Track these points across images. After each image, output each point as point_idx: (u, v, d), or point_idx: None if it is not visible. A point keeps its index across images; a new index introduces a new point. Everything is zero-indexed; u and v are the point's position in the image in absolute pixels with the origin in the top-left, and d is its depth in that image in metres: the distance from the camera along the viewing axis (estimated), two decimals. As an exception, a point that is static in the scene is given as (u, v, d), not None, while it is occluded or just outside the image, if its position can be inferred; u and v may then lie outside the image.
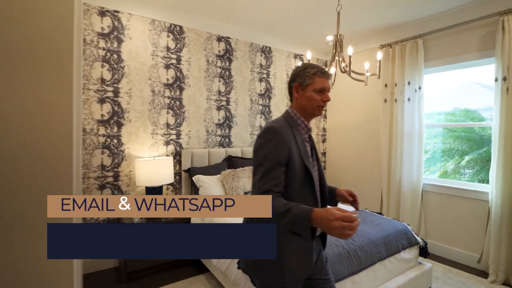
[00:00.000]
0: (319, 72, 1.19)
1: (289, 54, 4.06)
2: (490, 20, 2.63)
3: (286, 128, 1.16)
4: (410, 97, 3.24)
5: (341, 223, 0.85)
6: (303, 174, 1.14)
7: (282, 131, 1.13)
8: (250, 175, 2.92)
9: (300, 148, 1.15)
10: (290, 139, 1.13)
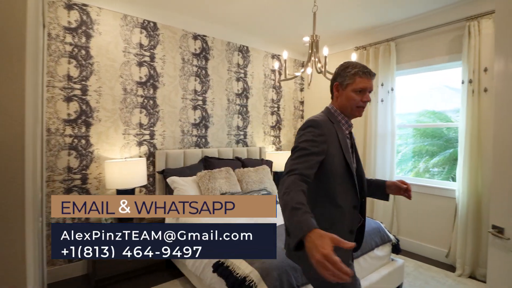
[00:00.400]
0: (360, 72, 1.18)
1: (267, 54, 4.05)
2: (458, 25, 2.75)
3: (327, 122, 1.20)
4: (383, 98, 3.33)
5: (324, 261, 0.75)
6: (343, 168, 1.17)
7: (322, 124, 1.16)
8: (227, 176, 2.87)
9: (341, 142, 1.18)
10: (331, 133, 1.17)
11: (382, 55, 3.31)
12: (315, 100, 4.38)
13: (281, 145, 4.32)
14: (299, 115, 4.55)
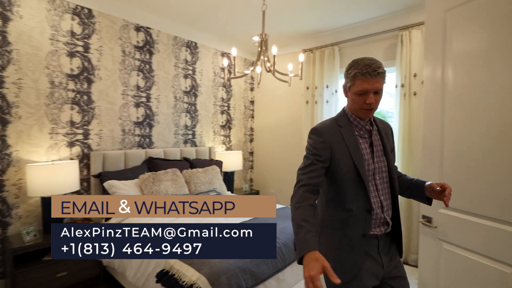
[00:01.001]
0: (359, 73, 1.10)
1: (216, 52, 3.95)
2: (392, 34, 3.01)
3: (332, 129, 1.20)
4: (328, 100, 3.49)
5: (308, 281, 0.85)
6: (353, 171, 1.15)
7: (323, 131, 1.18)
8: (173, 178, 2.71)
9: (348, 146, 1.16)
10: (335, 138, 1.17)
11: (327, 58, 3.46)
12: (265, 100, 4.41)
13: (232, 145, 4.26)
14: (249, 115, 4.54)
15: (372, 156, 1.20)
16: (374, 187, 1.19)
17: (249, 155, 4.58)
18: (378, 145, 1.23)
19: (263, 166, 4.49)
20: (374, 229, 1.18)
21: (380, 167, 1.21)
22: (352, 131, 1.20)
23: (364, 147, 1.21)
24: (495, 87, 1.43)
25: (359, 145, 1.19)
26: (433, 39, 1.73)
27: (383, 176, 1.21)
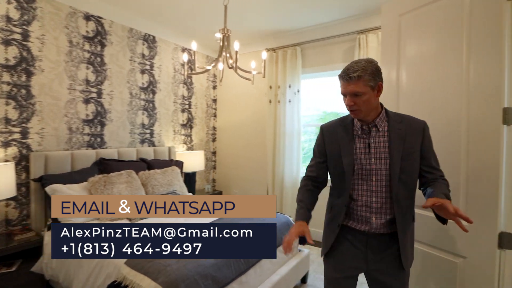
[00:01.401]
0: (339, 76, 1.19)
1: (177, 47, 3.78)
2: (351, 37, 3.12)
3: (333, 127, 1.31)
4: (290, 99, 3.52)
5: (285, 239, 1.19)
6: (341, 168, 1.25)
7: (325, 130, 1.34)
8: (128, 180, 2.51)
9: (340, 144, 1.25)
10: (334, 136, 1.29)
11: (290, 58, 3.49)
12: (228, 98, 4.33)
13: (193, 145, 4.11)
14: (212, 113, 4.43)
15: (368, 157, 1.21)
16: (368, 187, 1.21)
17: (212, 155, 4.47)
18: (381, 147, 1.20)
19: (226, 166, 4.40)
20: (356, 224, 1.26)
21: (380, 169, 1.19)
22: (350, 130, 1.26)
23: (359, 147, 1.23)
24: (442, 87, 1.52)
25: (352, 144, 1.24)
26: (389, 42, 1.80)
27: (382, 179, 1.19)
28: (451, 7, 1.47)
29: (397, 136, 1.19)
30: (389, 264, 1.23)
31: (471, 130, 1.40)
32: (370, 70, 1.13)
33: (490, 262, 1.32)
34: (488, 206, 1.33)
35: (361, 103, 1.15)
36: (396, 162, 1.16)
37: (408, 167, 1.18)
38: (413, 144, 1.19)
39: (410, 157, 1.18)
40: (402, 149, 1.17)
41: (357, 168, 1.22)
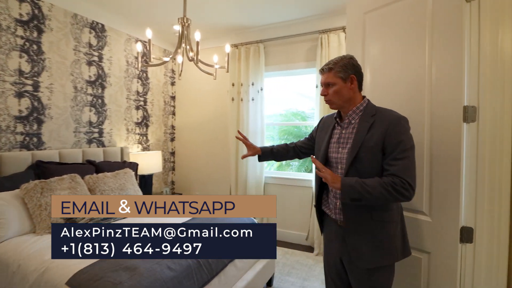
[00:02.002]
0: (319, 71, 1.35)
1: (130, 38, 3.46)
2: (313, 36, 3.13)
3: (328, 119, 1.46)
4: (254, 97, 3.43)
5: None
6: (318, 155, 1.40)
7: (322, 120, 1.51)
8: (71, 185, 2.20)
9: (323, 133, 1.42)
10: (323, 126, 1.45)
11: (253, 55, 3.40)
12: (188, 95, 4.10)
13: (149, 145, 3.81)
14: (170, 111, 4.16)
15: (337, 146, 1.31)
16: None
17: (170, 155, 4.20)
18: (347, 138, 1.29)
19: (186, 167, 4.17)
20: (329, 210, 1.35)
21: (342, 158, 1.27)
22: (333, 123, 1.38)
23: (334, 137, 1.35)
24: (407, 85, 1.54)
25: (329, 134, 1.36)
26: (354, 39, 1.79)
27: (343, 167, 1.26)
28: (414, 6, 1.49)
29: (362, 128, 1.23)
30: (351, 260, 1.26)
31: (433, 128, 1.43)
32: (342, 63, 1.25)
33: (452, 256, 1.35)
34: (450, 202, 1.36)
35: (332, 93, 1.27)
36: (352, 151, 1.21)
37: (364, 157, 1.19)
38: (375, 137, 1.19)
39: (369, 149, 1.18)
40: (363, 140, 1.20)
41: (330, 156, 1.33)
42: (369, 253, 1.21)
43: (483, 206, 1.33)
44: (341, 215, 1.27)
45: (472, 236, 1.35)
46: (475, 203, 1.35)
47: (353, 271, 1.28)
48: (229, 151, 3.62)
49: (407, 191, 1.10)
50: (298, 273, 2.71)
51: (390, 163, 1.15)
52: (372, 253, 1.21)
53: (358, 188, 1.12)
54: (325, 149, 1.34)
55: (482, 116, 1.32)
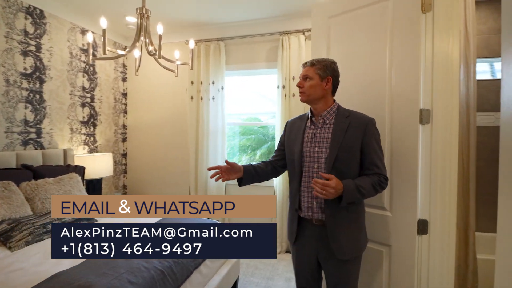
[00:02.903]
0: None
1: (74, 27, 3.10)
2: (274, 37, 3.15)
3: (297, 120, 1.47)
4: (214, 96, 3.35)
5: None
6: (290, 156, 1.41)
7: (288, 123, 1.52)
8: (4, 195, 1.88)
9: (296, 134, 1.41)
10: (292, 128, 1.46)
11: (213, 53, 3.31)
12: (142, 92, 3.83)
13: (98, 146, 3.48)
14: (121, 109, 3.84)
15: (313, 145, 1.33)
16: (312, 174, 1.32)
17: (122, 157, 3.88)
18: (324, 137, 1.32)
19: (140, 170, 3.89)
20: (306, 211, 1.34)
21: (320, 157, 1.30)
22: (304, 123, 1.40)
23: (307, 136, 1.36)
24: (369, 89, 1.63)
25: (302, 134, 1.37)
26: (319, 42, 1.84)
27: (321, 166, 1.30)
28: (376, 14, 1.58)
29: (339, 128, 1.30)
30: (329, 254, 1.31)
31: (393, 129, 1.53)
32: (324, 63, 1.32)
33: (411, 248, 1.47)
34: (408, 198, 1.47)
35: (308, 87, 1.32)
36: (333, 151, 1.27)
37: (344, 157, 1.27)
38: (353, 138, 1.28)
39: (348, 149, 1.27)
40: (342, 140, 1.27)
41: (304, 156, 1.34)
42: (347, 245, 1.29)
43: (436, 200, 1.47)
44: (318, 213, 1.30)
45: (427, 227, 1.47)
46: (429, 198, 1.47)
47: (330, 264, 1.33)
48: (189, 151, 3.48)
49: (386, 185, 1.30)
50: (262, 273, 2.71)
51: (373, 161, 1.27)
52: (350, 245, 1.29)
53: (356, 194, 1.21)
54: (300, 149, 1.35)
55: (435, 118, 1.45)
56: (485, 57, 2.68)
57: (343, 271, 1.32)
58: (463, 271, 2.06)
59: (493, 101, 2.67)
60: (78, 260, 1.59)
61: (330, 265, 1.34)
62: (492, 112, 2.67)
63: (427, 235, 1.48)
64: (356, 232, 1.32)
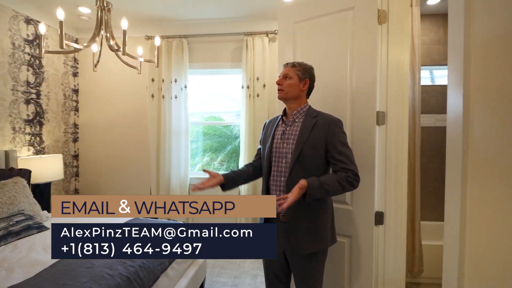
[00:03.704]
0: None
1: (17, 15, 2.78)
2: (239, 38, 3.17)
3: (274, 119, 1.56)
4: (177, 95, 3.26)
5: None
6: (264, 153, 1.49)
7: (267, 123, 1.60)
8: None
9: (268, 132, 1.51)
10: (268, 127, 1.55)
11: (175, 50, 3.22)
12: (95, 89, 3.57)
13: (45, 146, 3.17)
14: (72, 107, 3.54)
15: (282, 142, 1.42)
16: (279, 168, 1.40)
17: (73, 159, 3.58)
18: (292, 134, 1.41)
19: (94, 172, 3.63)
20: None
21: (288, 152, 1.38)
22: (277, 122, 1.50)
23: (278, 134, 1.46)
24: (332, 91, 1.74)
25: (273, 131, 1.47)
26: (285, 46, 1.91)
27: (288, 161, 1.38)
28: (337, 22, 1.69)
29: (306, 127, 1.38)
30: (292, 251, 1.37)
31: (354, 129, 1.66)
32: (304, 66, 1.44)
33: (369, 238, 1.60)
34: (367, 192, 1.61)
35: (286, 85, 1.41)
36: (298, 146, 1.35)
37: (308, 153, 1.34)
38: (318, 136, 1.36)
39: (313, 146, 1.35)
40: (307, 138, 1.36)
41: (273, 151, 1.43)
42: (305, 240, 1.34)
43: (390, 193, 1.63)
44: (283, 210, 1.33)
45: (383, 219, 1.63)
46: (385, 191, 1.63)
47: (294, 259, 1.39)
48: (149, 151, 3.34)
49: (356, 181, 1.30)
50: (228, 272, 2.72)
51: (337, 157, 1.32)
52: (307, 240, 1.35)
53: (320, 190, 1.25)
54: (270, 145, 1.44)
55: (389, 120, 1.61)
56: (427, 65, 3.01)
57: (306, 265, 1.37)
58: (411, 256, 2.31)
59: (433, 104, 3.01)
60: (33, 270, 1.46)
61: (294, 260, 1.40)
62: (433, 114, 3.01)
63: (383, 226, 1.63)
64: (318, 228, 1.36)
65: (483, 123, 0.81)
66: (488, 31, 0.79)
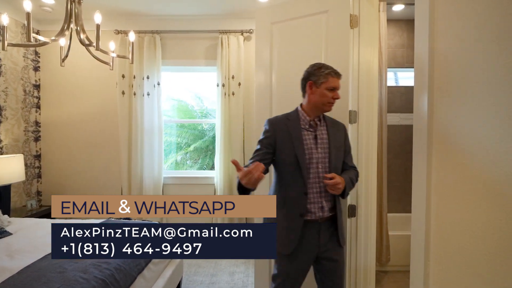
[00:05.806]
0: (332, 72, 1.37)
1: (-33, 2, 2.54)
2: (214, 35, 3.15)
3: (281, 121, 1.43)
4: (149, 92, 3.17)
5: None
6: (293, 158, 1.35)
7: (273, 122, 1.44)
8: None
9: (292, 135, 1.37)
10: (282, 129, 1.40)
11: (147, 46, 3.12)
12: (59, 84, 3.35)
13: (3, 146, 2.93)
14: (33, 103, 3.30)
15: (316, 147, 1.38)
16: (316, 174, 1.36)
17: (35, 159, 3.35)
18: (324, 139, 1.40)
19: (58, 173, 3.42)
20: (312, 212, 1.35)
21: (323, 157, 1.37)
22: (298, 124, 1.40)
23: (308, 138, 1.39)
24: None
25: (302, 136, 1.38)
26: (262, 46, 1.95)
27: (325, 166, 1.37)
28: (312, 24, 1.76)
29: (332, 130, 1.44)
30: (334, 243, 1.40)
31: (328, 127, 1.74)
32: None
33: (343, 230, 1.70)
34: (341, 187, 1.70)
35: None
36: (332, 151, 1.40)
37: (337, 156, 1.42)
38: (341, 139, 1.46)
39: (339, 149, 1.44)
40: (335, 141, 1.42)
41: (308, 158, 1.36)
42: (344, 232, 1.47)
43: (362, 187, 1.73)
44: (326, 211, 1.37)
45: (355, 211, 1.73)
46: (357, 186, 1.73)
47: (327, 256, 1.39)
48: (120, 150, 3.22)
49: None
50: (205, 271, 2.72)
51: (351, 159, 1.50)
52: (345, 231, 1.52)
53: (351, 186, 1.39)
54: (303, 151, 1.35)
55: (361, 119, 1.71)
56: (392, 67, 3.22)
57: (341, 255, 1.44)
58: (379, 246, 2.47)
59: (397, 103, 3.23)
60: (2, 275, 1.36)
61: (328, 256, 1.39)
62: (397, 113, 3.22)
63: (355, 218, 1.74)
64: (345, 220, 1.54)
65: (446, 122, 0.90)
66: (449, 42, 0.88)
